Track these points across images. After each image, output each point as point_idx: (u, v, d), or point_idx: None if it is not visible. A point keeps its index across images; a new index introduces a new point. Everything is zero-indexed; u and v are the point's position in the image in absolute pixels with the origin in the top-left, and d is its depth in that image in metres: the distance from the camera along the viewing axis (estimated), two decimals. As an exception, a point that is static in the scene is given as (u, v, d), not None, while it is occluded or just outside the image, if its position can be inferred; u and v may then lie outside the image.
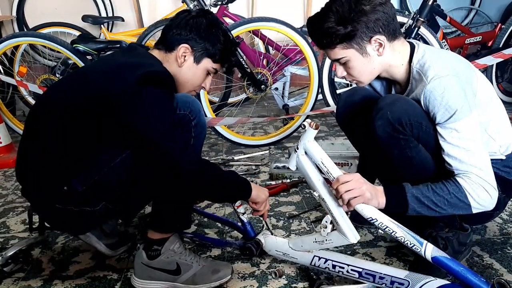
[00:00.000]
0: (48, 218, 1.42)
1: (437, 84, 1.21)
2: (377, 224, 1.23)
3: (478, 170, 1.22)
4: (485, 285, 1.12)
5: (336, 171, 1.26)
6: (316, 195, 1.29)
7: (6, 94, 3.25)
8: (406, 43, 1.34)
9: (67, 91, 1.32)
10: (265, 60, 3.01)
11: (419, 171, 1.31)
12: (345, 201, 1.22)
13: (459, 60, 1.33)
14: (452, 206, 1.23)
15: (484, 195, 1.22)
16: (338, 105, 1.56)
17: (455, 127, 1.21)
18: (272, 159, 2.50)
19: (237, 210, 1.54)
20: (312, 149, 1.29)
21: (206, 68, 1.41)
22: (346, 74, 1.35)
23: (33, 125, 1.33)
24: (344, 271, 1.32)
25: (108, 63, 1.38)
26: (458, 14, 4.12)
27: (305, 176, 1.33)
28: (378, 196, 1.25)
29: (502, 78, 3.40)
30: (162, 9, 3.91)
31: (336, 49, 1.28)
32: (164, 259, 1.39)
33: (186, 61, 1.37)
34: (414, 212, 1.24)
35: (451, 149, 1.23)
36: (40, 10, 3.93)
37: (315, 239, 1.35)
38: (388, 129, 1.26)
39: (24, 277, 1.51)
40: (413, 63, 1.30)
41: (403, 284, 1.22)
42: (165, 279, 1.40)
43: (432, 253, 1.18)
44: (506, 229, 1.65)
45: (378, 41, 1.26)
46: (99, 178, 1.25)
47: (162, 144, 1.21)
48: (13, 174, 2.53)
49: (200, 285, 1.40)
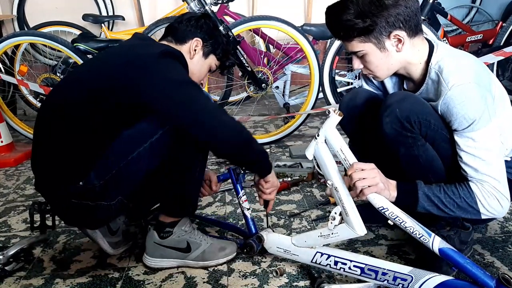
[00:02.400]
0: (63, 213, 1.42)
1: (458, 92, 1.18)
2: (387, 213, 1.22)
3: (492, 180, 1.21)
4: (490, 279, 1.13)
5: (353, 159, 1.26)
6: (330, 184, 1.28)
7: (7, 93, 3.26)
8: (426, 41, 1.30)
9: (84, 81, 1.32)
10: (265, 59, 3.01)
11: (425, 170, 1.30)
12: (358, 189, 1.21)
13: (478, 64, 1.29)
14: (461, 209, 1.23)
15: (495, 204, 1.22)
16: (340, 108, 1.54)
17: (471, 136, 1.20)
18: (273, 157, 2.49)
19: (243, 205, 1.55)
20: (333, 136, 1.29)
21: (210, 64, 1.53)
22: (363, 68, 1.32)
23: (47, 120, 1.33)
24: (346, 267, 1.32)
25: (125, 50, 1.39)
26: (459, 12, 4.11)
27: (321, 164, 1.32)
28: (390, 188, 1.24)
29: (503, 77, 3.39)
30: (163, 7, 3.90)
31: (353, 42, 1.25)
32: (175, 238, 1.48)
33: (197, 54, 1.48)
34: (423, 209, 1.25)
35: (467, 158, 1.22)
36: (41, 9, 3.93)
37: (321, 233, 1.34)
38: (396, 127, 1.25)
39: (25, 276, 1.51)
40: (432, 63, 1.26)
41: (406, 279, 1.22)
42: (176, 257, 1.49)
43: (440, 245, 1.18)
44: (508, 228, 1.65)
45: (397, 36, 1.22)
46: (117, 172, 1.27)
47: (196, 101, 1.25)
48: (14, 173, 2.54)
49: (208, 261, 1.49)
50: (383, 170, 1.26)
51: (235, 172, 1.58)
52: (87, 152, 1.26)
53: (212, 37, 1.50)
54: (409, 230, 1.21)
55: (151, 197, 1.52)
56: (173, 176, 1.39)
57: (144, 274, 1.49)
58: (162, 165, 1.35)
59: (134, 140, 1.27)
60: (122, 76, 1.25)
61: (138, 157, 1.27)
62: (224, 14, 2.97)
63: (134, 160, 1.27)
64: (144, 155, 1.28)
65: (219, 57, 1.54)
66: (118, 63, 1.30)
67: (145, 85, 1.23)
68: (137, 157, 1.27)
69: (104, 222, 1.48)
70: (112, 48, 1.49)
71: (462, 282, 1.18)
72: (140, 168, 1.30)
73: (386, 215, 1.23)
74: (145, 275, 1.48)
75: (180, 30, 1.47)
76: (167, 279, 1.46)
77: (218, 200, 2.03)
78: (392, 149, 1.31)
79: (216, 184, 1.63)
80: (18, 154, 2.75)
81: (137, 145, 1.27)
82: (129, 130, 1.27)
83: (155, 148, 1.28)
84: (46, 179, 1.34)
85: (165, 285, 1.43)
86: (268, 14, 2.68)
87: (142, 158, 1.28)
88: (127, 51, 1.36)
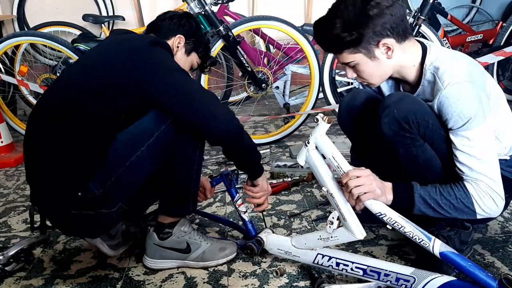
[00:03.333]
0: (61, 225, 1.39)
1: (453, 90, 1.19)
2: (386, 219, 1.22)
3: (487, 179, 1.21)
4: (492, 281, 1.13)
5: (347, 166, 1.25)
6: (325, 190, 1.28)
7: (7, 93, 3.25)
8: (417, 44, 1.31)
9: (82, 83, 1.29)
10: (266, 59, 3.01)
11: (424, 170, 1.30)
12: (354, 196, 1.21)
13: (473, 63, 1.29)
14: (458, 210, 1.23)
15: (491, 203, 1.22)
16: (340, 109, 1.55)
17: (467, 135, 1.20)
18: (273, 157, 2.49)
19: (239, 209, 1.55)
20: (323, 143, 1.28)
21: (192, 62, 1.57)
22: (357, 76, 1.33)
23: (41, 125, 1.29)
24: (348, 268, 1.32)
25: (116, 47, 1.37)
26: (459, 12, 4.11)
27: (314, 171, 1.32)
28: (386, 192, 1.25)
29: (503, 76, 3.39)
30: (163, 7, 3.88)
31: (343, 54, 1.26)
32: (175, 239, 1.48)
33: (179, 51, 1.50)
34: (419, 212, 1.25)
35: (462, 156, 1.22)
36: (41, 9, 3.93)
37: (320, 236, 1.34)
38: (394, 127, 1.25)
39: (25, 276, 1.51)
40: (426, 64, 1.27)
41: (409, 281, 1.22)
42: (176, 258, 1.50)
43: (440, 248, 1.18)
44: (508, 228, 1.65)
45: (386, 45, 1.22)
46: (117, 178, 1.26)
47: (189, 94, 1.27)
48: (14, 173, 2.54)
49: (209, 262, 1.49)
50: (383, 170, 1.26)
51: (227, 177, 1.57)
52: (84, 159, 1.23)
53: (194, 35, 1.53)
54: (408, 235, 1.21)
55: (149, 199, 1.52)
56: (172, 176, 1.39)
57: (144, 274, 1.49)
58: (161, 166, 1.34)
59: (131, 144, 1.27)
60: (126, 75, 1.25)
61: (137, 161, 1.26)
62: (224, 14, 2.98)
63: (133, 164, 1.26)
64: (142, 158, 1.27)
65: (201, 55, 1.58)
66: (116, 61, 1.29)
67: (152, 78, 1.24)
68: (136, 161, 1.26)
69: (105, 230, 1.46)
70: (99, 47, 1.45)
71: (464, 283, 1.18)
72: (140, 172, 1.30)
73: (385, 220, 1.23)
74: (145, 276, 1.48)
75: (163, 27, 1.50)
76: (167, 280, 1.46)
77: (218, 200, 2.03)
78: (390, 149, 1.31)
79: (210, 191, 1.64)
80: (18, 154, 2.74)
81: (135, 149, 1.26)
82: (125, 135, 1.26)
83: (153, 150, 1.28)
84: (42, 192, 1.29)
85: (165, 285, 1.43)
86: (268, 14, 2.68)
87: (141, 161, 1.27)
88: (119, 47, 1.35)
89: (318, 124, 1.27)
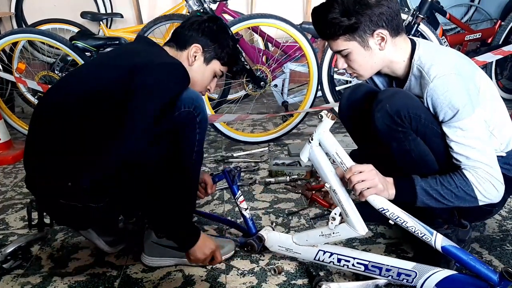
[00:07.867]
0: (52, 213, 1.42)
1: (440, 83, 1.21)
2: (388, 214, 1.23)
3: (484, 166, 1.23)
4: (493, 274, 1.14)
5: (350, 162, 1.27)
6: (328, 186, 1.29)
7: (5, 90, 3.25)
8: (408, 40, 1.34)
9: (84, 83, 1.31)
10: (264, 57, 3.01)
11: (418, 164, 1.32)
12: (357, 191, 1.23)
13: (461, 57, 1.33)
14: (459, 199, 1.25)
15: (491, 189, 1.23)
16: (341, 102, 1.56)
17: (459, 126, 1.22)
18: (272, 156, 2.49)
19: (240, 206, 1.55)
20: (327, 139, 1.30)
21: (214, 70, 1.48)
22: (347, 67, 1.35)
23: (43, 118, 1.32)
24: (350, 264, 1.33)
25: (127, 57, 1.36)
26: (458, 11, 4.12)
27: (317, 167, 1.33)
28: (388, 187, 1.26)
29: (501, 75, 3.40)
30: (161, 5, 3.90)
31: (338, 41, 1.29)
32: None
33: (197, 61, 1.44)
34: (422, 203, 1.26)
35: (457, 147, 1.24)
36: (39, 7, 3.92)
37: (322, 233, 1.34)
38: (387, 121, 1.27)
39: (23, 274, 1.51)
40: (414, 59, 1.30)
41: (411, 275, 1.23)
42: (174, 256, 1.49)
43: (442, 242, 1.19)
44: (505, 226, 1.65)
45: (380, 35, 1.26)
46: (106, 175, 1.25)
47: None
48: (12, 171, 2.53)
49: None
50: (384, 165, 1.27)
51: (230, 174, 1.57)
52: (78, 153, 1.25)
53: (215, 41, 1.45)
54: (410, 229, 1.22)
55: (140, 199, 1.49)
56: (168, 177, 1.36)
57: (142, 272, 1.49)
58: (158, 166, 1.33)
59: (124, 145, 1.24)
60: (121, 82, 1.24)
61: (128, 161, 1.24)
62: (223, 12, 2.97)
63: (124, 164, 1.24)
64: (133, 159, 1.25)
65: (224, 62, 1.48)
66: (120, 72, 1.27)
67: (131, 102, 1.21)
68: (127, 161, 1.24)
69: (93, 223, 1.45)
70: (115, 50, 1.45)
71: (465, 276, 1.19)
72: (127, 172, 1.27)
73: (387, 215, 1.23)
74: (143, 273, 1.48)
75: (181, 36, 1.45)
76: (165, 277, 1.46)
77: (217, 198, 2.03)
78: (384, 144, 1.33)
79: (211, 187, 1.63)
80: (16, 151, 2.74)
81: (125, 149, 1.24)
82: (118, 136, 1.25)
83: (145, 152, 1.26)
84: (36, 177, 1.32)
85: (163, 283, 1.43)
86: (266, 12, 2.68)
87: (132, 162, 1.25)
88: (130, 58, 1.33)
89: (322, 120, 1.28)
